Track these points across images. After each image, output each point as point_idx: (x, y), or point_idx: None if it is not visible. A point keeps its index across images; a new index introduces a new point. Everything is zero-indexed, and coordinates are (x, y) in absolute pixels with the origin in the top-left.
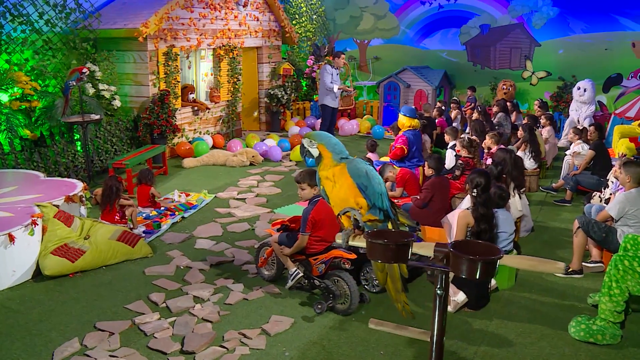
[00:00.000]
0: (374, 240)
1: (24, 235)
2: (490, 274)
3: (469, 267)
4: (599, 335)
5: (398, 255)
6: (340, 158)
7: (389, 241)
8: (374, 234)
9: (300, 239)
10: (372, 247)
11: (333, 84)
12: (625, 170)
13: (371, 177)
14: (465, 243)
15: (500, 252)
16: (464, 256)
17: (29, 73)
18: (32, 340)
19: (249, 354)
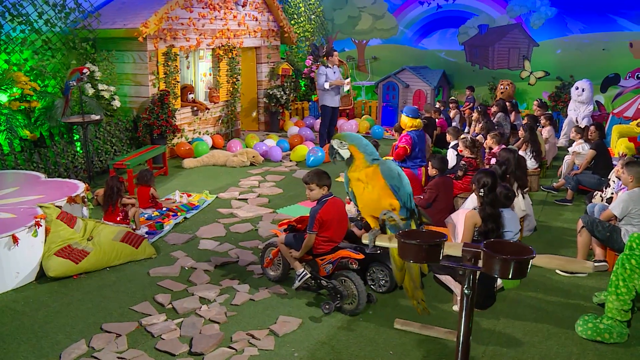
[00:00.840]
0: (407, 241)
1: (27, 237)
2: (523, 274)
3: (502, 267)
4: (606, 334)
5: (430, 255)
6: (372, 159)
7: (422, 241)
8: (407, 234)
9: (307, 238)
10: (405, 247)
11: (325, 82)
12: (628, 170)
13: (402, 178)
14: (497, 243)
15: (533, 252)
16: (497, 256)
17: (28, 73)
18: (38, 342)
19: (258, 354)
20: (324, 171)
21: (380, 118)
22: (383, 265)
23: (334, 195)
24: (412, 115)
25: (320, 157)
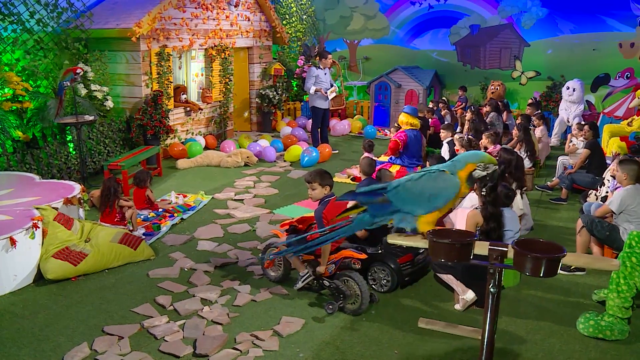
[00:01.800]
0: (439, 240)
1: (25, 239)
2: (554, 272)
3: (533, 265)
4: (607, 331)
5: (462, 254)
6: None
7: (454, 240)
8: (437, 234)
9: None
10: (436, 246)
11: (312, 86)
12: (621, 168)
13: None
14: (527, 241)
15: (563, 250)
16: (529, 254)
17: (20, 73)
18: (39, 346)
19: (263, 355)
20: (325, 171)
21: (373, 118)
22: (384, 265)
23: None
24: (411, 113)
25: (315, 157)
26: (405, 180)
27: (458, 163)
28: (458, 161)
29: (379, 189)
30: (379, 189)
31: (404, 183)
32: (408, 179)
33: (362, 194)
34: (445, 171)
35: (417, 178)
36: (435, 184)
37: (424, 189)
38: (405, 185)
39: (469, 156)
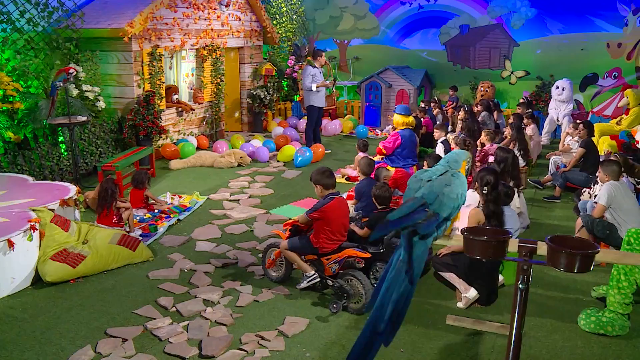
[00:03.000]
0: (475, 238)
1: (22, 241)
2: (588, 268)
3: (568, 261)
4: (608, 326)
5: (497, 251)
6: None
7: (489, 238)
8: (473, 231)
9: (302, 217)
10: (471, 243)
11: (312, 84)
12: (603, 169)
13: None
14: (560, 238)
15: (597, 247)
16: (564, 250)
17: (11, 73)
18: (42, 349)
19: (269, 356)
20: (330, 170)
21: (363, 118)
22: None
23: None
24: (405, 112)
25: (308, 157)
26: (440, 188)
27: (454, 163)
28: (453, 161)
29: (418, 207)
30: (419, 207)
31: (441, 190)
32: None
33: (404, 219)
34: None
35: (449, 183)
36: (460, 183)
37: (456, 191)
38: (444, 192)
39: (460, 154)
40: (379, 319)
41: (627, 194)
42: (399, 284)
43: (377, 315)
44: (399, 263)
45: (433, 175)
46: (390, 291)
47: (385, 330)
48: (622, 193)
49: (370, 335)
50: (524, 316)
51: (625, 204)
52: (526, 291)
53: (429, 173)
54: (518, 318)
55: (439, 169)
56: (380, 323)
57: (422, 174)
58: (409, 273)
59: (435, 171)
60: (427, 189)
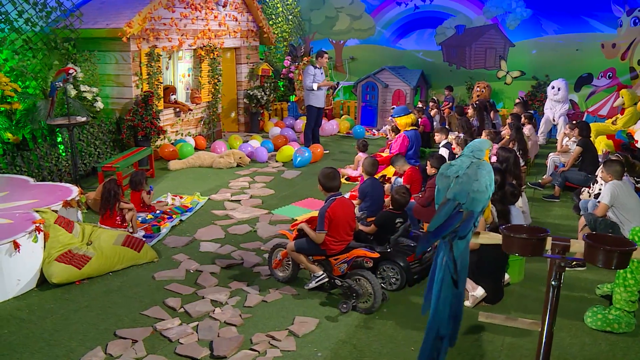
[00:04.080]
0: (516, 235)
1: (28, 243)
2: (625, 264)
3: (606, 258)
4: (615, 324)
5: (536, 249)
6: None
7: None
8: (511, 229)
9: (317, 236)
10: (511, 241)
11: (313, 84)
12: (606, 169)
13: None
14: (597, 235)
15: (634, 244)
16: (603, 247)
17: (9, 74)
18: (52, 351)
19: (281, 356)
20: (335, 172)
21: (360, 118)
22: (393, 264)
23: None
24: (404, 113)
25: (307, 157)
26: (470, 185)
27: (478, 152)
28: (477, 150)
29: (454, 209)
30: (454, 209)
31: (471, 188)
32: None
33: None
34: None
35: (477, 177)
36: (486, 173)
37: (485, 183)
38: (474, 188)
39: (483, 142)
40: (441, 324)
41: (630, 193)
42: (450, 286)
43: (437, 320)
44: (444, 265)
45: (459, 170)
46: (444, 294)
47: (448, 333)
48: (625, 192)
49: (435, 340)
50: (556, 312)
51: (628, 203)
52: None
53: (455, 168)
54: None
55: (464, 162)
56: (443, 327)
57: (447, 171)
58: (455, 278)
59: (461, 164)
60: (457, 187)
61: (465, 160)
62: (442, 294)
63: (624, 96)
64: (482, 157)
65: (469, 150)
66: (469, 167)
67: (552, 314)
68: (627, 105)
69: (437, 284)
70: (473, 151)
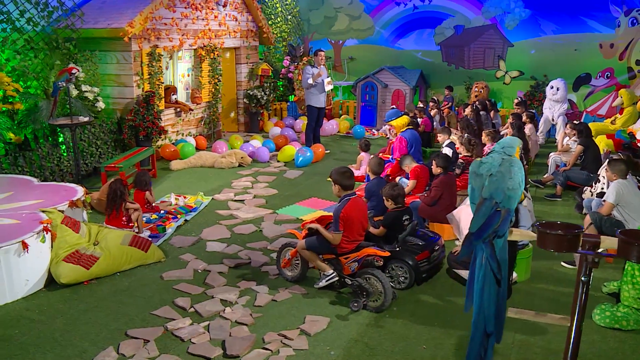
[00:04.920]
0: (552, 232)
1: (36, 243)
2: None
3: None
4: (623, 321)
5: (571, 245)
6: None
7: (564, 232)
8: (546, 226)
9: (333, 237)
10: (547, 237)
11: (308, 79)
12: (611, 168)
13: None
14: (630, 232)
15: None
16: (637, 242)
17: (10, 74)
18: (64, 351)
19: (294, 354)
20: (351, 172)
21: (359, 118)
22: (402, 262)
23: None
24: (396, 117)
25: (309, 157)
26: (504, 183)
27: (509, 148)
28: (508, 146)
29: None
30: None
31: (506, 185)
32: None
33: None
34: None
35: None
36: (518, 169)
37: (517, 180)
38: (509, 186)
39: (514, 140)
40: (487, 321)
41: (635, 191)
42: (493, 284)
43: (483, 317)
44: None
45: (492, 167)
46: (487, 292)
47: (495, 330)
48: (630, 191)
49: (482, 337)
50: (585, 308)
51: (633, 202)
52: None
53: (487, 166)
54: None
55: (495, 159)
56: (489, 325)
57: (479, 169)
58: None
59: (492, 162)
60: (492, 186)
61: (496, 157)
62: (485, 292)
63: (622, 96)
64: (513, 154)
65: (499, 147)
66: (501, 165)
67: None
68: (626, 105)
69: (478, 282)
70: (504, 147)
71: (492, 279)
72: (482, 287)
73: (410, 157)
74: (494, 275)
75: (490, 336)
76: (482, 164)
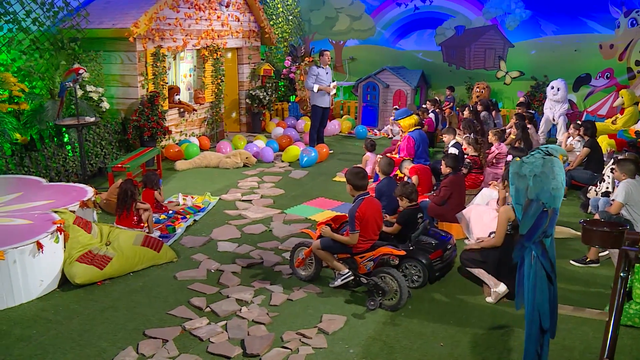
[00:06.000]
0: (598, 229)
1: (50, 243)
2: None
3: None
4: (636, 318)
5: (616, 241)
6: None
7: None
8: (591, 223)
9: (350, 237)
10: (593, 234)
11: (314, 84)
12: (620, 167)
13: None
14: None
15: None
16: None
17: (16, 74)
18: (83, 351)
19: (314, 353)
20: (364, 172)
21: (361, 118)
22: (416, 261)
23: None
24: (406, 115)
25: (314, 157)
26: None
27: (554, 150)
28: (555, 149)
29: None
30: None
31: (551, 186)
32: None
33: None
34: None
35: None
36: (559, 169)
37: (560, 179)
38: (551, 185)
39: (558, 148)
40: (542, 317)
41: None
42: (545, 282)
43: (538, 314)
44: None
45: (535, 168)
46: (539, 290)
47: (550, 326)
48: (639, 190)
49: (538, 334)
50: (624, 303)
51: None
52: (626, 280)
53: (529, 166)
54: (618, 305)
55: (537, 158)
56: (545, 321)
57: (521, 169)
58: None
59: (534, 162)
60: (537, 187)
61: (538, 158)
62: (537, 290)
63: (623, 96)
64: (554, 154)
65: (544, 146)
66: (543, 165)
67: (620, 305)
68: (627, 105)
69: (529, 280)
70: (548, 147)
71: (544, 277)
72: (534, 285)
73: (409, 161)
74: (547, 273)
75: (546, 333)
76: (523, 164)
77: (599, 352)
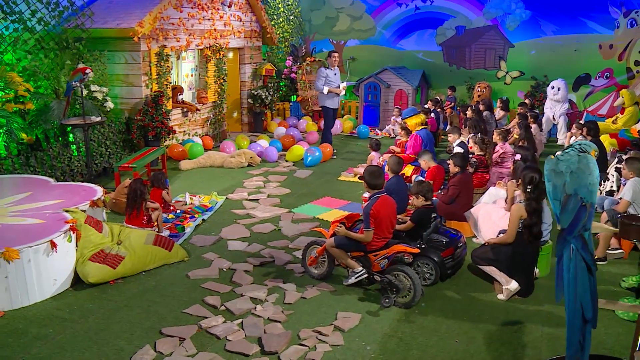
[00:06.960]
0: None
1: (63, 242)
2: None
3: None
4: None
5: None
6: None
7: None
8: (629, 218)
9: (365, 234)
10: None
11: (324, 86)
12: (628, 166)
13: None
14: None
15: None
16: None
17: (21, 74)
18: (101, 350)
19: (331, 350)
20: (379, 171)
21: (362, 118)
22: (428, 259)
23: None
24: (413, 114)
25: (317, 157)
26: (586, 179)
27: (587, 147)
28: (588, 145)
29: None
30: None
31: (587, 181)
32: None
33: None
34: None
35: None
36: (594, 165)
37: (596, 174)
38: (588, 181)
39: (593, 145)
40: (584, 308)
41: None
42: (585, 273)
43: (580, 305)
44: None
45: (571, 165)
46: (580, 282)
47: (592, 316)
48: None
49: (581, 325)
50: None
51: None
52: None
53: (564, 163)
54: None
55: (572, 155)
56: (587, 311)
57: (557, 166)
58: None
59: (570, 159)
60: (574, 183)
61: (573, 154)
62: (578, 282)
63: (624, 96)
64: (589, 152)
65: (576, 143)
66: (579, 162)
67: None
68: (627, 104)
69: (570, 273)
70: (580, 144)
71: (584, 269)
72: (574, 278)
73: (430, 154)
74: (587, 265)
75: (587, 323)
76: (559, 161)
77: (614, 349)
